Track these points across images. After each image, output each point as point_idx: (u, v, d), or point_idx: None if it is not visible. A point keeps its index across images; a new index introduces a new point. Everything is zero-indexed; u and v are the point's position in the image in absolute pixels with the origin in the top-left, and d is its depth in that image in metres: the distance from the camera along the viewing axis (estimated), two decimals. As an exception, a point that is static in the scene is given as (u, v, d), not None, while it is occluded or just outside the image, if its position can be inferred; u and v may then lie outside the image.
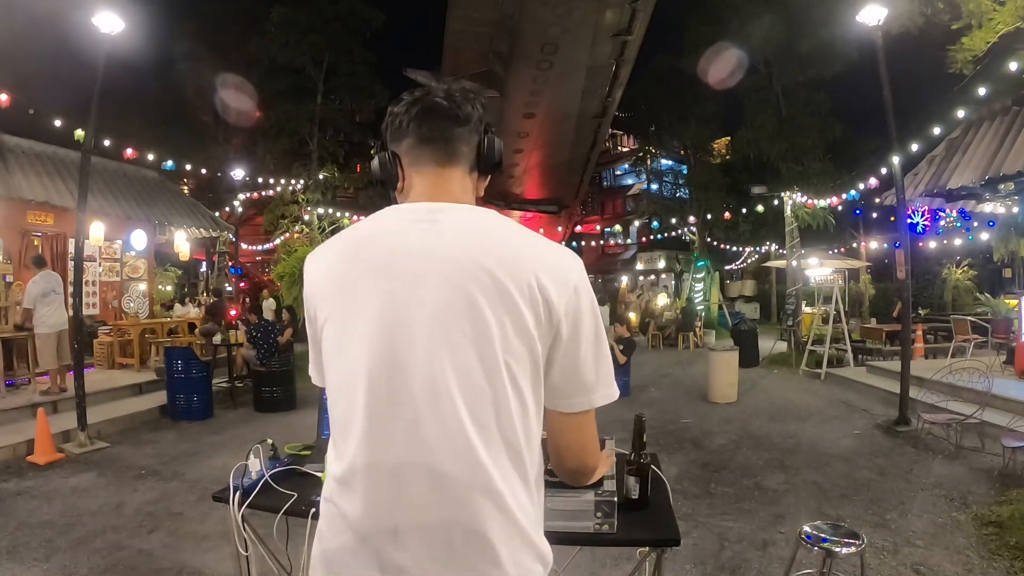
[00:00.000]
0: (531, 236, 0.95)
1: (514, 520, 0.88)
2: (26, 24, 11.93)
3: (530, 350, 0.90)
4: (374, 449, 0.89)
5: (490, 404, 0.88)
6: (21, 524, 3.95)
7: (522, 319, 0.88)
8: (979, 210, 10.12)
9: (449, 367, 0.87)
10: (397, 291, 0.90)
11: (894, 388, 6.81)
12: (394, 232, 0.95)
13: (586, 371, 0.95)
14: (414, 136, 1.00)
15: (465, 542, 0.86)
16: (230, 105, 17.30)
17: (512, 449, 0.89)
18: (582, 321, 0.93)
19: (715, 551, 3.50)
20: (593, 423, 1.00)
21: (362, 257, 0.94)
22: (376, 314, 0.90)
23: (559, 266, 0.93)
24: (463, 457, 0.87)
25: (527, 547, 0.90)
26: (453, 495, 0.87)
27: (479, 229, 0.93)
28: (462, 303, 0.88)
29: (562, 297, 0.91)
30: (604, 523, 1.52)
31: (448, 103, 0.99)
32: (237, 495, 1.80)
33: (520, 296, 0.88)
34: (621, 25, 17.15)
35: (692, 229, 22.06)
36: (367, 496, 0.89)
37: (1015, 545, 3.39)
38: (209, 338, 8.96)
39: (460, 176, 1.01)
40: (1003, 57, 7.42)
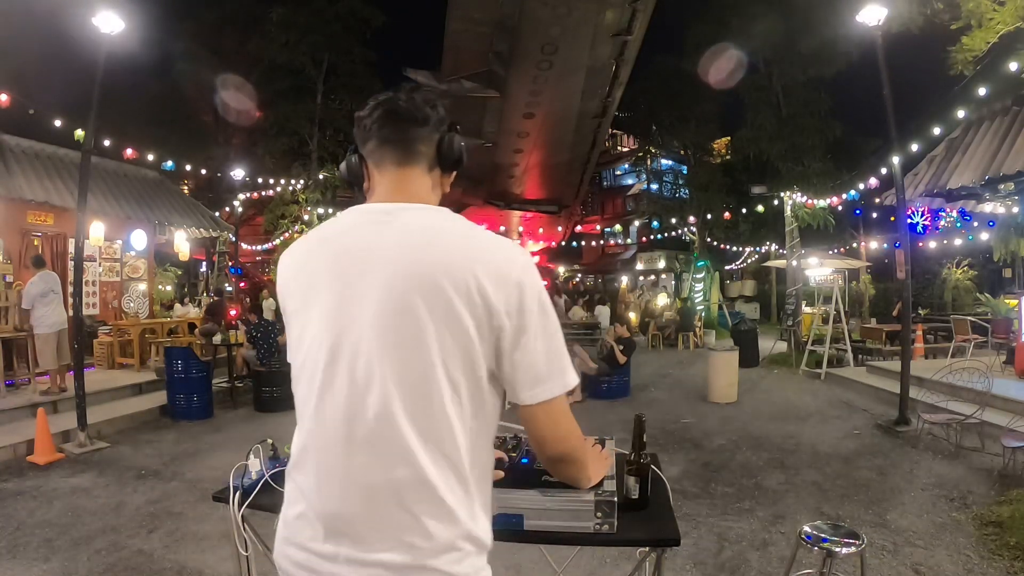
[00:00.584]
0: (476, 236, 0.99)
1: (442, 503, 0.94)
2: (26, 24, 11.93)
3: (468, 350, 0.94)
4: (320, 434, 0.99)
5: (423, 401, 0.94)
6: (21, 524, 3.95)
7: (459, 320, 0.93)
8: (979, 210, 10.12)
9: (386, 365, 0.94)
10: (344, 290, 0.98)
11: (894, 388, 6.81)
12: (349, 232, 1.03)
13: (537, 363, 0.97)
14: (376, 138, 1.06)
15: (397, 517, 0.94)
16: (230, 105, 17.30)
17: (444, 443, 0.94)
18: (526, 316, 0.96)
19: (715, 551, 3.50)
20: (562, 410, 1.02)
21: (321, 255, 1.03)
22: (326, 311, 0.99)
23: (500, 264, 0.96)
24: (397, 453, 0.93)
25: (454, 525, 0.95)
26: (386, 486, 0.94)
27: (425, 230, 0.98)
28: (399, 305, 0.94)
29: (500, 295, 0.94)
30: (604, 523, 1.52)
31: (407, 106, 1.05)
32: (237, 495, 1.80)
33: (457, 297, 0.92)
34: (621, 25, 17.15)
35: (692, 229, 22.05)
36: (316, 473, 0.99)
37: (1015, 545, 3.39)
38: (209, 338, 8.96)
39: (419, 175, 1.07)
40: (1003, 57, 7.42)
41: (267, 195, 16.92)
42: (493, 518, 1.42)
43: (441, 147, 1.07)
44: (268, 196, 17.01)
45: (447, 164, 1.10)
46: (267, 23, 16.54)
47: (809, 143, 17.35)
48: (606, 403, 7.85)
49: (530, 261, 1.00)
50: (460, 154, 1.09)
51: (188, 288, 17.90)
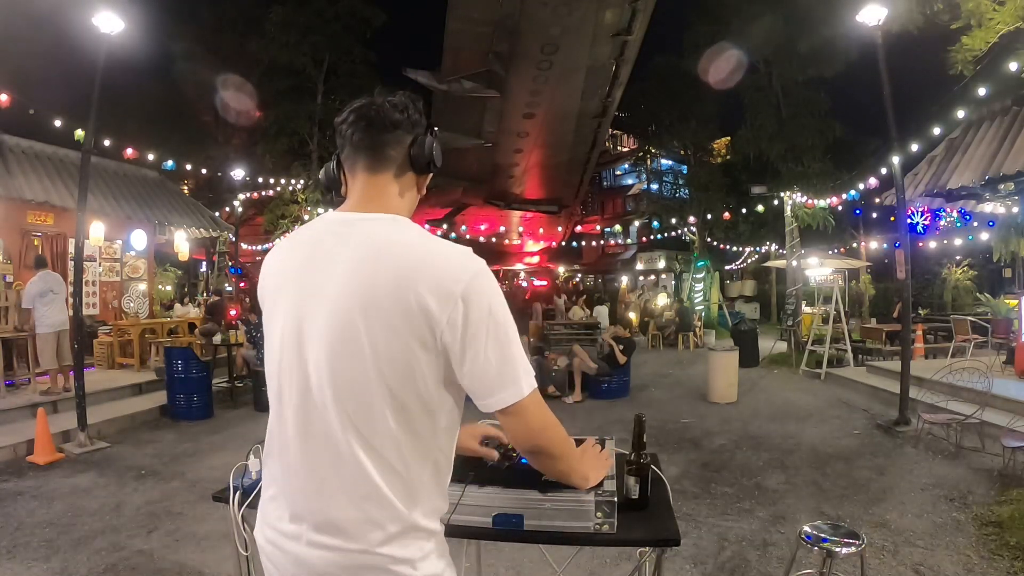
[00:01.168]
0: (428, 250, 1.00)
1: (385, 500, 0.99)
2: (26, 24, 11.92)
3: (411, 364, 0.97)
4: (280, 432, 1.07)
5: (365, 412, 0.98)
6: (21, 524, 3.95)
7: (399, 336, 0.96)
8: (979, 210, 10.13)
9: (329, 380, 0.99)
10: (301, 302, 1.03)
11: (894, 388, 6.81)
12: (314, 242, 1.07)
13: (489, 374, 0.99)
14: (349, 144, 1.09)
15: (347, 509, 1.00)
16: (230, 105, 17.31)
17: (387, 450, 0.99)
18: (472, 328, 0.97)
19: (715, 551, 3.50)
20: (532, 410, 1.04)
21: (290, 263, 1.09)
22: (286, 321, 1.04)
23: (443, 278, 0.96)
24: (345, 458, 0.99)
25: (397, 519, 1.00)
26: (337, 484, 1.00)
27: (377, 245, 1.00)
28: (343, 320, 0.97)
29: (444, 309, 0.95)
30: (604, 523, 1.52)
31: (376, 111, 1.06)
32: (237, 495, 1.80)
33: (398, 314, 0.95)
34: (621, 25, 17.17)
35: (692, 229, 22.04)
36: (280, 464, 1.08)
37: (1015, 545, 3.39)
38: (209, 338, 8.96)
39: (387, 181, 1.09)
40: (1003, 57, 7.42)
41: (267, 195, 16.92)
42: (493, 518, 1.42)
43: (411, 150, 1.08)
44: (268, 196, 17.01)
45: (419, 166, 1.10)
46: (267, 23, 16.53)
47: (809, 143, 17.35)
48: (606, 403, 7.85)
49: (481, 270, 1.00)
50: (430, 156, 1.10)
51: (188, 288, 17.90)
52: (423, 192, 1.17)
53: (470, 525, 1.40)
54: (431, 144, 1.10)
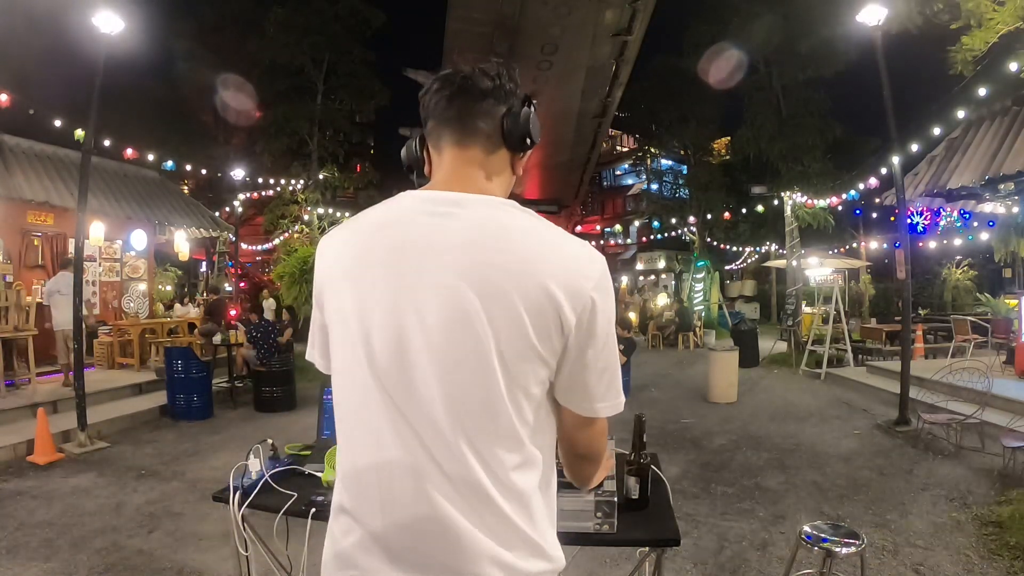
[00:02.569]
0: (549, 240, 0.89)
1: (505, 518, 0.87)
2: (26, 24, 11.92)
3: (532, 363, 0.87)
4: (372, 450, 0.89)
5: (482, 415, 0.86)
6: (21, 524, 3.95)
7: (525, 333, 0.85)
8: (979, 210, 10.12)
9: (440, 377, 0.86)
10: (400, 291, 0.87)
11: (894, 388, 6.81)
12: (404, 223, 0.91)
13: (592, 383, 0.92)
14: (434, 117, 0.96)
15: (448, 542, 0.86)
16: (230, 105, 17.30)
17: (508, 458, 0.87)
18: (595, 332, 0.89)
19: (715, 551, 3.50)
20: (602, 427, 1.01)
21: (371, 248, 0.91)
22: (379, 313, 0.88)
23: (575, 275, 0.87)
24: (456, 468, 0.85)
25: (524, 544, 0.88)
26: (439, 498, 0.86)
27: (492, 231, 0.88)
28: (460, 313, 0.85)
29: (575, 310, 0.86)
30: (604, 523, 1.52)
31: (466, 79, 0.93)
32: (237, 495, 1.80)
33: (525, 309, 0.84)
34: (621, 25, 17.16)
35: (692, 229, 22.05)
36: (371, 493, 0.89)
37: (1015, 545, 3.39)
38: (209, 338, 8.95)
39: (480, 157, 0.95)
40: (1003, 57, 7.41)
41: (267, 195, 16.92)
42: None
43: (504, 122, 0.95)
44: (268, 196, 17.01)
45: (513, 142, 0.96)
46: (267, 23, 16.53)
47: (809, 143, 17.35)
48: (606, 403, 7.84)
49: (606, 270, 0.92)
50: (526, 130, 0.96)
51: (188, 288, 17.90)
52: (519, 174, 1.02)
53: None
54: (527, 115, 0.95)
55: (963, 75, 8.02)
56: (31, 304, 7.17)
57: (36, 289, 8.23)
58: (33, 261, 9.01)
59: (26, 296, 7.29)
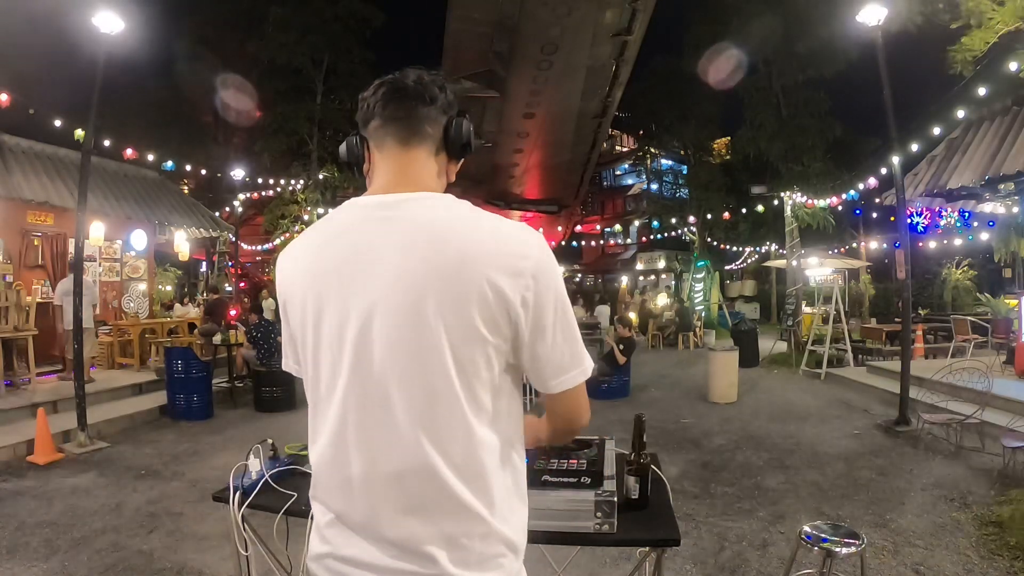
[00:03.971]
0: (485, 228, 0.94)
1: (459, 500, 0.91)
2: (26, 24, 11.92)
3: (484, 351, 0.91)
4: (336, 440, 0.96)
5: (437, 409, 0.91)
6: (21, 524, 3.95)
7: (472, 321, 0.89)
8: (979, 210, 10.12)
9: (398, 374, 0.91)
10: (353, 297, 0.93)
11: (894, 388, 6.81)
12: (351, 230, 0.97)
13: (558, 354, 0.96)
14: (379, 116, 1.02)
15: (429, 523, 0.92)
16: (230, 105, 17.31)
17: (464, 449, 0.91)
18: (544, 308, 0.93)
19: (715, 551, 3.50)
20: (580, 394, 1.02)
21: (325, 257, 0.97)
22: (336, 319, 0.94)
23: (513, 256, 0.91)
24: (413, 463, 0.91)
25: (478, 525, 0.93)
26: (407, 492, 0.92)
27: (432, 227, 0.93)
28: (410, 310, 0.90)
29: (518, 290, 0.90)
30: (604, 523, 1.52)
31: (414, 84, 1.01)
32: (237, 495, 1.80)
33: (470, 299, 0.89)
34: (621, 25, 17.16)
35: (692, 229, 22.05)
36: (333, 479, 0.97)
37: (1015, 545, 3.39)
38: (209, 338, 8.96)
39: (424, 157, 1.02)
40: (1003, 57, 7.42)
41: (267, 195, 16.92)
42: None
43: (449, 130, 1.03)
44: (268, 196, 17.01)
45: (454, 149, 1.04)
46: (267, 23, 16.54)
47: (809, 143, 17.35)
48: (606, 403, 7.84)
49: (544, 245, 0.96)
50: (468, 139, 1.04)
51: (188, 288, 17.90)
52: (452, 180, 1.09)
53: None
54: (467, 127, 1.04)
55: (963, 75, 8.02)
56: (31, 304, 7.18)
57: (36, 289, 8.24)
58: (33, 261, 9.01)
59: (26, 296, 7.30)
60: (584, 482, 1.61)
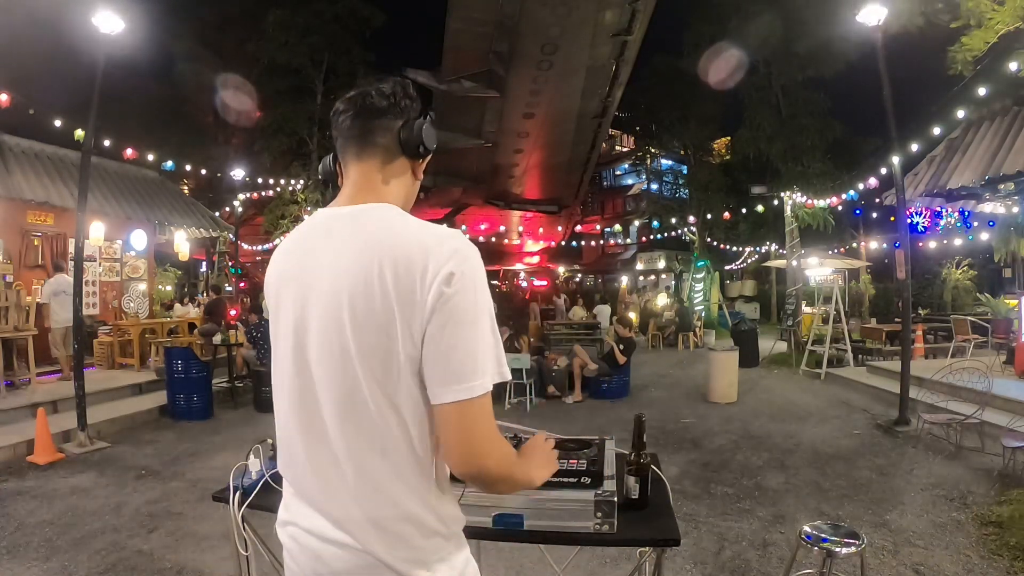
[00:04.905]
0: (400, 230, 0.98)
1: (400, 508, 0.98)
2: (26, 24, 11.92)
3: (389, 351, 0.94)
4: (287, 422, 1.07)
5: (362, 413, 0.97)
6: (21, 524, 3.95)
7: (379, 323, 0.94)
8: (979, 210, 10.12)
9: (322, 375, 0.99)
10: (300, 302, 1.03)
11: (894, 388, 6.81)
12: (308, 240, 1.07)
13: (449, 359, 0.91)
14: (340, 135, 1.09)
15: (356, 507, 1.00)
16: (230, 105, 17.30)
17: (384, 443, 0.97)
18: (441, 308, 0.91)
19: (715, 551, 3.50)
20: (474, 419, 0.92)
21: (290, 262, 1.08)
22: (289, 322, 1.04)
23: (413, 255, 0.93)
24: (340, 454, 0.99)
25: (415, 527, 1.00)
26: (340, 477, 1.00)
27: (357, 233, 0.99)
28: (331, 317, 0.97)
29: (413, 287, 0.92)
30: (604, 523, 1.52)
31: (364, 99, 1.06)
32: (237, 495, 1.80)
33: (377, 299, 0.93)
34: (621, 25, 17.16)
35: (692, 229, 22.05)
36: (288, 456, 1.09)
37: (1015, 545, 3.39)
38: (209, 338, 8.95)
39: (378, 167, 1.07)
40: (1003, 57, 7.42)
41: (267, 195, 16.92)
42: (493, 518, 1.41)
43: (400, 134, 1.06)
44: (268, 196, 17.01)
45: (409, 150, 1.08)
46: (266, 23, 16.54)
47: (809, 143, 17.36)
48: (606, 403, 7.84)
49: (464, 247, 0.95)
50: (419, 139, 1.07)
51: (188, 288, 17.90)
52: (419, 178, 1.14)
53: (470, 525, 1.40)
54: (420, 126, 1.07)
55: (963, 75, 8.02)
56: (31, 304, 7.18)
57: (36, 289, 8.23)
58: (33, 261, 9.01)
59: (26, 296, 7.30)
60: (584, 482, 1.61)
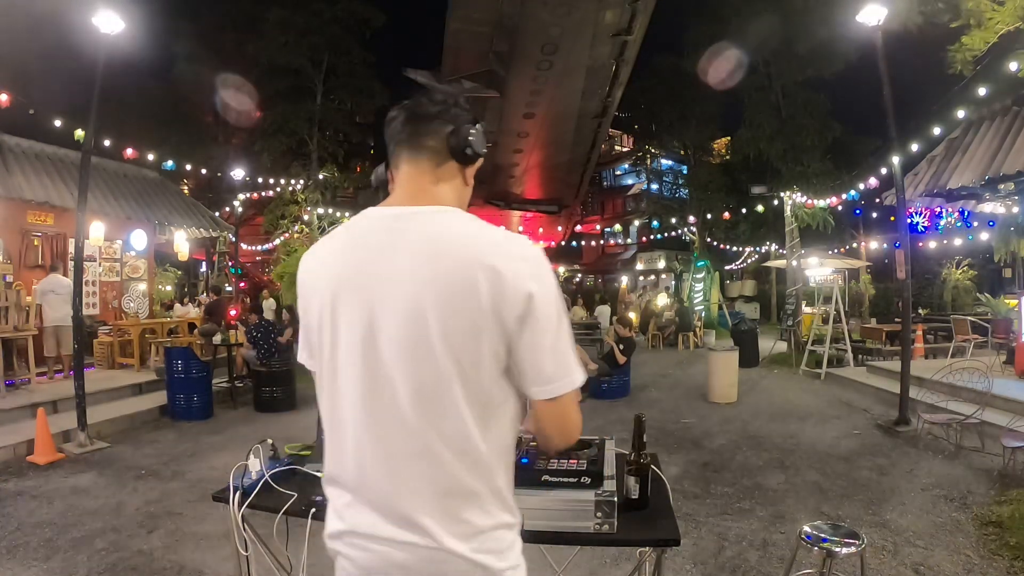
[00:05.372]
0: (484, 239, 1.00)
1: (475, 503, 1.01)
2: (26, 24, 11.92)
3: (482, 356, 0.98)
4: (347, 438, 1.05)
5: (443, 413, 0.98)
6: (21, 524, 3.95)
7: (470, 328, 0.96)
8: (979, 210, 10.12)
9: (404, 379, 0.99)
10: (366, 302, 1.01)
11: (894, 388, 6.81)
12: (364, 240, 1.06)
13: (544, 361, 1.00)
14: (393, 142, 1.12)
15: (433, 504, 1.00)
16: (230, 105, 17.31)
17: (463, 437, 0.99)
18: (535, 318, 0.97)
19: (715, 551, 3.50)
20: (568, 408, 1.05)
21: (344, 263, 1.06)
22: (352, 320, 1.02)
23: (509, 268, 0.96)
24: (418, 448, 0.99)
25: (487, 522, 1.02)
26: (415, 473, 1.00)
27: (434, 237, 1.01)
28: (414, 319, 0.97)
29: (516, 298, 0.96)
30: (604, 523, 1.52)
31: (415, 106, 1.10)
32: (237, 495, 1.80)
33: (469, 306, 0.95)
34: (621, 25, 17.16)
35: (692, 229, 22.06)
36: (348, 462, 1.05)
37: (1015, 545, 3.39)
38: (209, 338, 8.95)
39: (428, 168, 1.10)
40: (1003, 57, 7.42)
41: (267, 195, 16.92)
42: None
43: (450, 139, 1.09)
44: (268, 196, 17.01)
45: (458, 155, 1.10)
46: (266, 24, 16.54)
47: (809, 143, 17.37)
48: (606, 403, 7.84)
49: (540, 256, 1.02)
50: (466, 144, 1.10)
51: (188, 288, 17.90)
52: (470, 183, 1.17)
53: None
54: (468, 131, 1.10)
55: (963, 74, 8.03)
56: (31, 304, 7.18)
57: (35, 289, 8.24)
58: (33, 261, 9.00)
59: (26, 296, 7.30)
60: (584, 482, 1.61)
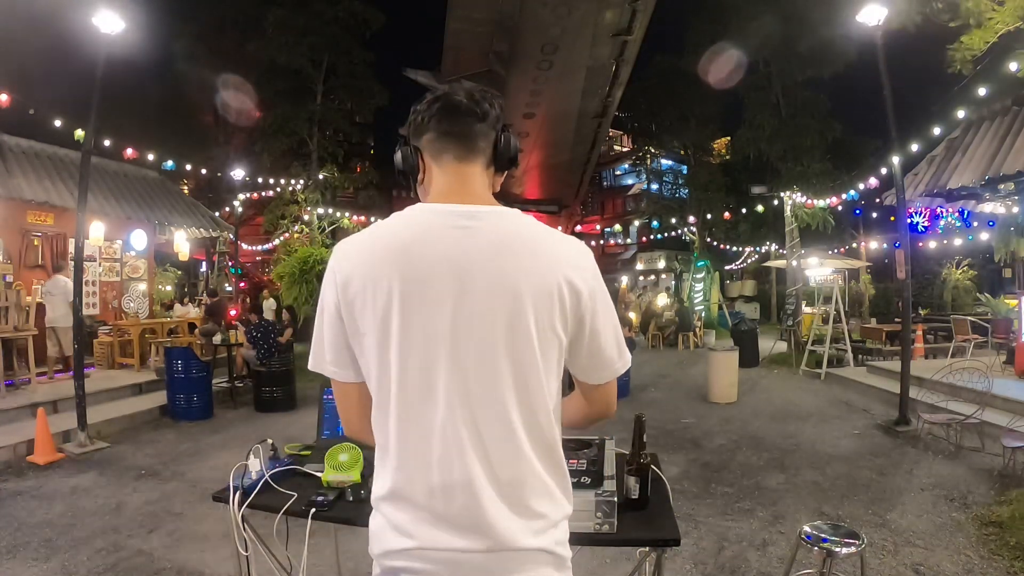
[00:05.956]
0: (555, 239, 1.04)
1: (556, 499, 1.04)
2: (26, 24, 11.92)
3: (559, 348, 1.02)
4: (443, 447, 0.98)
5: (534, 407, 1.00)
6: (21, 524, 3.95)
7: (552, 321, 0.99)
8: (979, 210, 10.12)
9: (509, 373, 0.98)
10: (451, 302, 0.97)
11: (894, 388, 6.81)
12: (431, 240, 0.99)
13: (609, 350, 1.08)
14: (435, 131, 1.06)
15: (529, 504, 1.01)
16: (230, 105, 17.31)
17: (549, 437, 1.02)
18: (601, 310, 1.05)
19: (715, 551, 3.50)
20: (614, 384, 1.17)
21: (404, 264, 0.98)
22: (431, 321, 0.97)
23: (580, 265, 1.03)
24: (521, 450, 1.00)
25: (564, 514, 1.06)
26: (507, 476, 1.00)
27: (512, 237, 1.01)
28: (508, 312, 0.97)
29: (584, 294, 1.01)
30: (604, 523, 1.52)
31: (468, 101, 1.05)
32: (237, 495, 1.80)
33: (551, 301, 0.99)
34: (621, 25, 17.14)
35: (692, 229, 22.05)
36: (422, 475, 0.99)
37: (1015, 545, 3.39)
38: (209, 338, 8.96)
39: (479, 171, 1.07)
40: (1003, 57, 7.42)
41: (267, 195, 16.91)
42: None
43: (498, 145, 1.08)
44: (268, 196, 17.00)
45: (502, 163, 1.10)
46: (266, 24, 16.53)
47: (808, 143, 17.35)
48: (606, 403, 7.84)
49: (592, 259, 1.07)
50: (515, 153, 1.10)
51: (188, 288, 17.89)
52: (497, 191, 1.13)
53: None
54: (516, 142, 1.10)
55: (963, 74, 8.02)
56: (31, 304, 7.18)
57: (36, 289, 8.24)
58: (33, 261, 9.01)
59: (26, 296, 7.30)
60: (584, 482, 1.61)
